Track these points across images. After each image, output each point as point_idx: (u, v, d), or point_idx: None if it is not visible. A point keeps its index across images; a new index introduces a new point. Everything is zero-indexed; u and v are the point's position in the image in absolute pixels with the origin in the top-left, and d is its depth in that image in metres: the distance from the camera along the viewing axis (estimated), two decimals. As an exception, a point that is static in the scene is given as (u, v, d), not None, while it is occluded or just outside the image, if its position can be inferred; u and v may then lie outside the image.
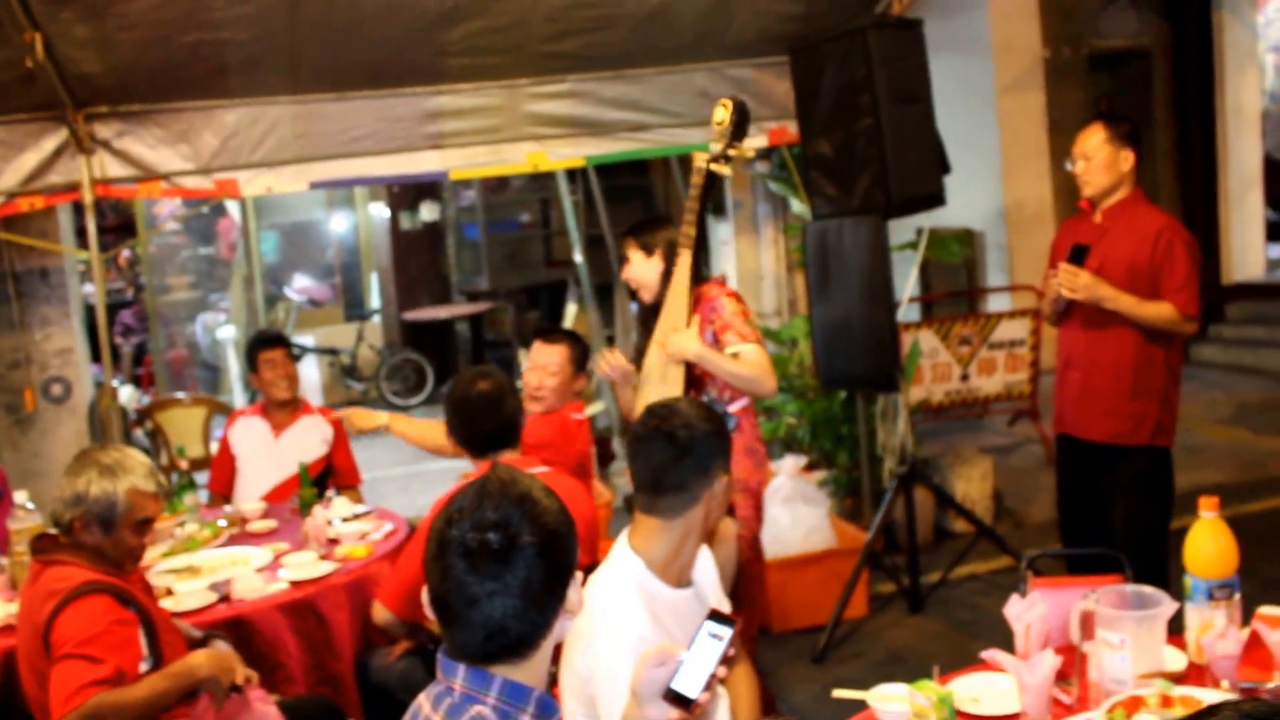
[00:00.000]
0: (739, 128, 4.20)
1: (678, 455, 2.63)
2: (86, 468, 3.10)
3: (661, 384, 4.11)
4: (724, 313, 4.15)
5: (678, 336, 4.06)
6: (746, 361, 4.06)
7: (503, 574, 1.84)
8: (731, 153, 4.21)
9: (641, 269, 4.31)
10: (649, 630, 2.50)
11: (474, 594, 1.84)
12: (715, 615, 2.02)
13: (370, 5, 5.02)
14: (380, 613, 3.66)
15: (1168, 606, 2.58)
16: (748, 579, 4.19)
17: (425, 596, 1.92)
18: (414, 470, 8.93)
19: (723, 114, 4.20)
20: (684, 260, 4.14)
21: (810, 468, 6.33)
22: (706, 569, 2.86)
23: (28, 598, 3.10)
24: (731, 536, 3.99)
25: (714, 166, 4.19)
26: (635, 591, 2.58)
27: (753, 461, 4.23)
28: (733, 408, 4.12)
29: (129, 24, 4.78)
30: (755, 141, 6.16)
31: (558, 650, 2.20)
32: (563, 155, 6.14)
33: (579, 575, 1.97)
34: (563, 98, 5.98)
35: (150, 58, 5.06)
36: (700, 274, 4.22)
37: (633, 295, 4.54)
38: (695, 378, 4.16)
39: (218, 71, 5.28)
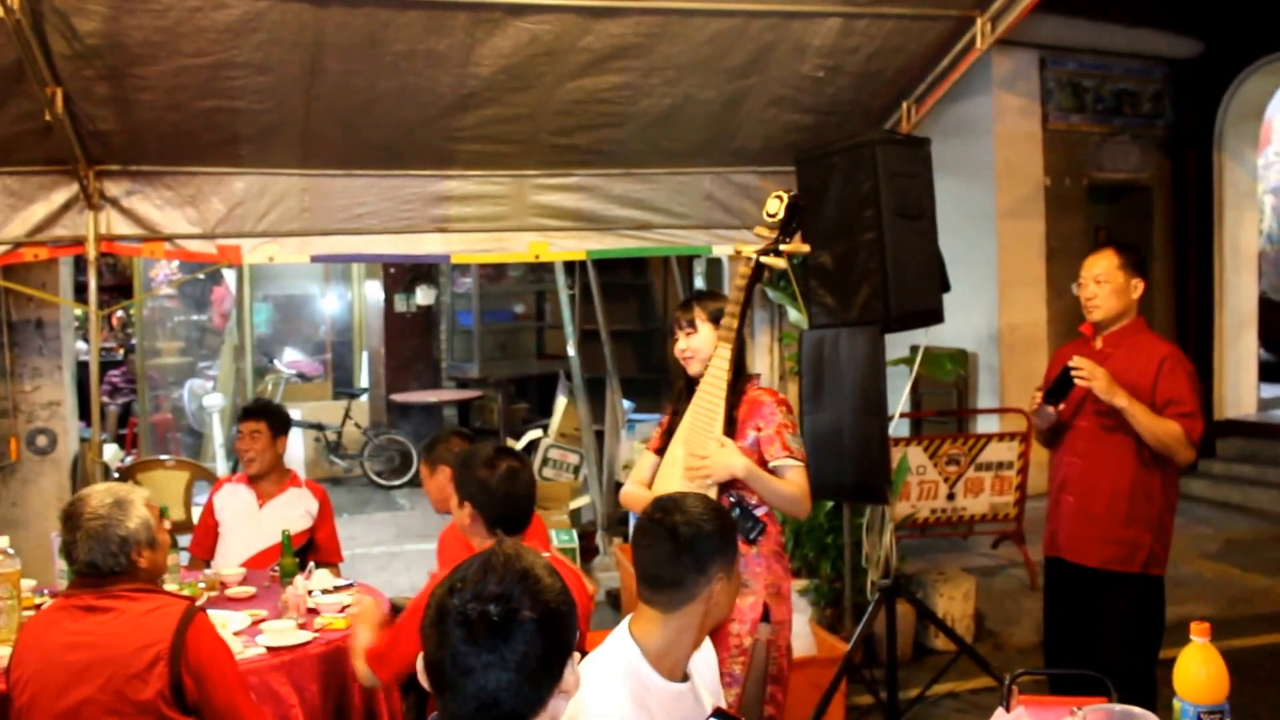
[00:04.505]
0: (790, 222, 4.09)
1: (675, 551, 2.64)
2: (131, 503, 3.29)
3: (687, 483, 3.86)
4: (773, 421, 3.88)
5: (721, 455, 3.77)
6: (791, 482, 3.83)
7: (500, 647, 1.83)
8: (783, 247, 4.07)
9: (706, 341, 4.00)
10: (631, 714, 2.47)
11: (469, 664, 1.83)
12: (720, 713, 2.00)
13: (386, 86, 5.08)
14: (362, 669, 3.55)
15: (1156, 727, 2.56)
16: (779, 683, 4.07)
17: (420, 663, 1.91)
18: (394, 550, 8.88)
19: (776, 206, 4.07)
20: (722, 354, 3.91)
21: (792, 575, 6.28)
22: (707, 666, 2.84)
23: (111, 629, 3.14)
24: (764, 644, 3.87)
25: (765, 259, 4.04)
26: (625, 676, 2.56)
27: (781, 565, 4.01)
28: (759, 511, 3.89)
29: (149, 86, 4.84)
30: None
31: None
32: (565, 247, 6.17)
33: (576, 656, 1.95)
34: (569, 191, 6.04)
35: (166, 120, 5.12)
36: (740, 371, 3.99)
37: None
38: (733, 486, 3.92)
39: (230, 139, 5.33)
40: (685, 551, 2.63)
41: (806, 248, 4.20)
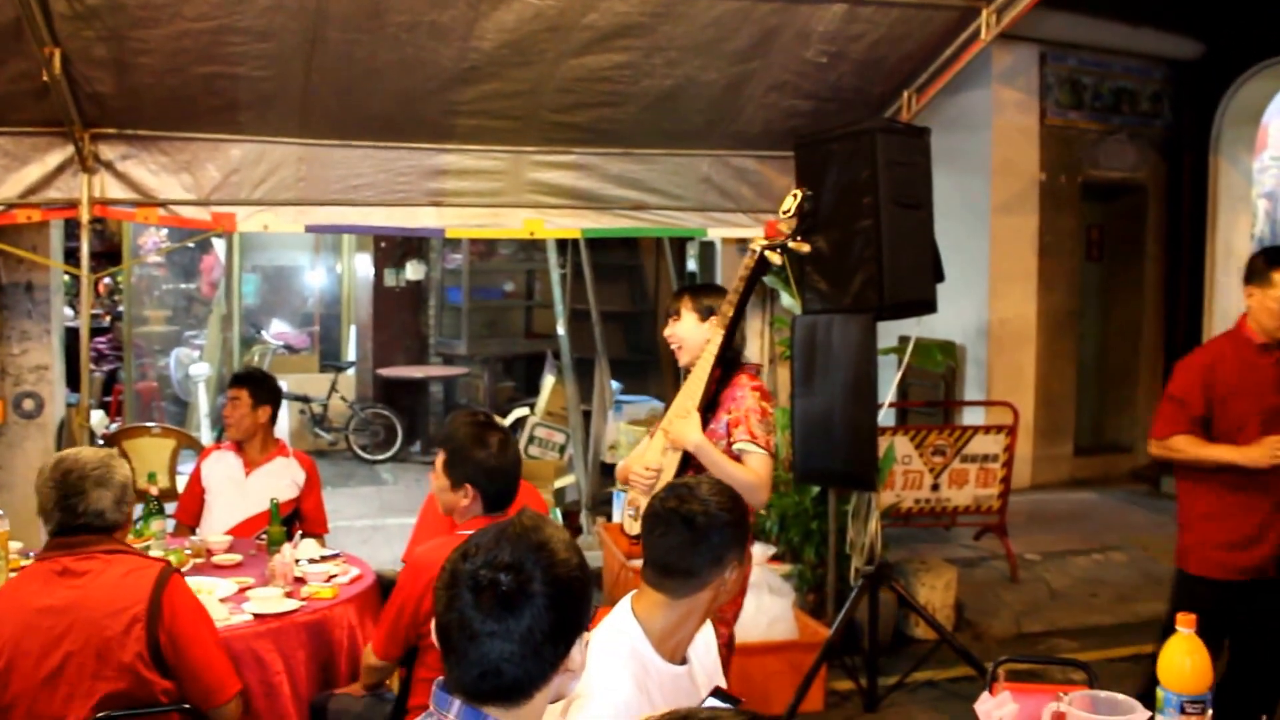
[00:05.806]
0: (803, 221, 4.16)
1: (692, 541, 2.60)
2: (118, 458, 3.34)
3: (659, 457, 4.03)
4: (743, 406, 3.98)
5: (681, 424, 3.93)
6: (746, 467, 3.91)
7: (506, 618, 1.83)
8: (790, 244, 4.15)
9: (690, 331, 4.10)
10: (633, 698, 2.46)
11: (474, 630, 1.83)
12: (719, 693, 2.00)
13: (387, 57, 5.06)
14: (370, 658, 3.63)
15: (1140, 714, 2.59)
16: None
17: (433, 623, 1.91)
18: (377, 523, 8.87)
19: (790, 203, 4.16)
20: (714, 340, 4.01)
21: (776, 559, 6.30)
22: (707, 648, 2.83)
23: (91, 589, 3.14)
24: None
25: (769, 253, 4.11)
26: (628, 656, 2.54)
27: None
28: None
29: (148, 49, 4.81)
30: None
31: None
32: (560, 225, 6.16)
33: (586, 636, 1.94)
34: (566, 169, 6.03)
35: (164, 84, 5.09)
36: (734, 358, 4.09)
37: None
38: (692, 461, 4.00)
39: (229, 106, 5.31)
40: (702, 541, 2.60)
41: (806, 247, 4.24)
